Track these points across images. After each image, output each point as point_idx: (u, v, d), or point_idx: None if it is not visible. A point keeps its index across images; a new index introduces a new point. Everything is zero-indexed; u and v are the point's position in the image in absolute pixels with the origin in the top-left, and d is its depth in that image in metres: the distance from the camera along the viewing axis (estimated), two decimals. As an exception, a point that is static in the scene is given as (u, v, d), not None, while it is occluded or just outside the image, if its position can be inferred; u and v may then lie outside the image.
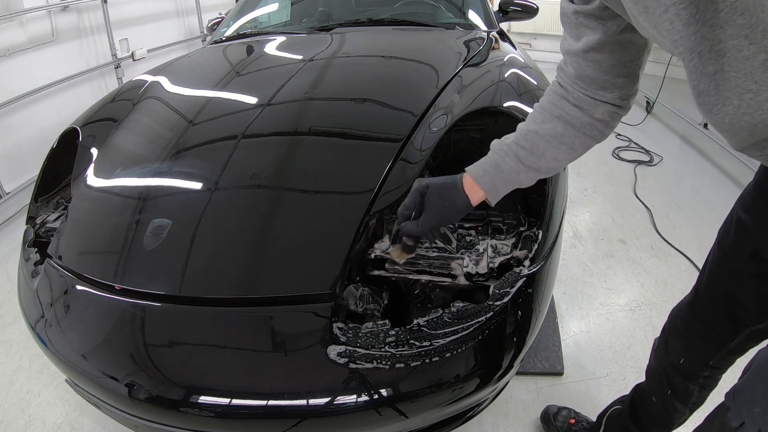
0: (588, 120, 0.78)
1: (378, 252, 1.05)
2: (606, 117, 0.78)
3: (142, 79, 1.73)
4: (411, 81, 1.48)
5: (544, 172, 0.84)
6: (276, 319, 0.92)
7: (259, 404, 0.84)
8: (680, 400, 0.99)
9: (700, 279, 0.90)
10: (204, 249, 1.02)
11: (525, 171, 0.83)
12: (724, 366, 0.93)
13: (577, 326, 1.72)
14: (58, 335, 1.00)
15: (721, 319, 0.85)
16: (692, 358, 0.93)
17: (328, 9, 2.35)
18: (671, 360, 0.98)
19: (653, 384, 1.06)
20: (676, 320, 0.97)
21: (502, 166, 0.83)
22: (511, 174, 0.83)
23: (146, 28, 4.05)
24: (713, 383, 0.97)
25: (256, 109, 1.35)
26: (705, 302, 0.89)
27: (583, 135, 0.80)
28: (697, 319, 0.91)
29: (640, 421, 1.10)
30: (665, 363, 1.00)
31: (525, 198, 1.18)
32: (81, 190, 1.28)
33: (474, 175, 0.85)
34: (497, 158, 0.84)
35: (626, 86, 0.76)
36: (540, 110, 0.83)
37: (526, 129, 0.83)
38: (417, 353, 0.87)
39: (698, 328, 0.91)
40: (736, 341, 0.84)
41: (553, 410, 1.34)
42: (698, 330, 0.91)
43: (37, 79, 2.91)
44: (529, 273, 1.00)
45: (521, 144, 0.82)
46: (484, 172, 0.84)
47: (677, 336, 0.97)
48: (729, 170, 2.82)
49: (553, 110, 0.81)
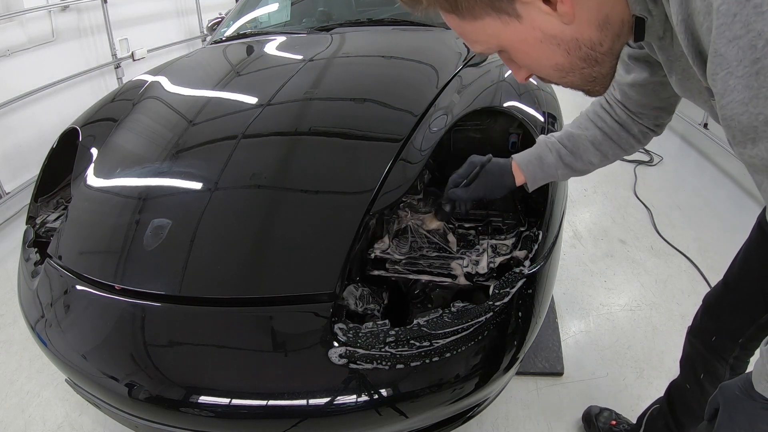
0: (624, 135, 0.89)
1: (378, 252, 1.05)
2: (640, 136, 0.89)
3: (142, 79, 1.73)
4: (411, 81, 1.48)
5: (578, 172, 0.95)
6: (276, 319, 0.92)
7: (259, 404, 0.85)
8: (712, 383, 1.02)
9: (736, 258, 0.95)
10: (204, 249, 1.02)
11: (563, 168, 0.94)
12: (752, 347, 0.97)
13: (577, 326, 1.72)
14: (58, 335, 1.00)
15: (753, 294, 0.90)
16: (723, 335, 0.98)
17: (328, 9, 2.35)
18: (703, 338, 1.02)
19: (687, 372, 1.09)
20: (709, 300, 1.03)
21: (545, 159, 0.94)
22: (550, 168, 0.94)
23: (146, 28, 4.05)
24: (743, 365, 1.00)
25: (256, 109, 1.35)
26: (739, 278, 0.94)
27: (617, 146, 0.91)
28: (730, 293, 0.96)
29: (677, 414, 1.12)
30: (697, 344, 1.04)
31: (525, 198, 1.18)
32: (81, 190, 1.28)
33: (520, 163, 0.96)
34: (542, 152, 0.95)
35: (662, 117, 0.86)
36: (585, 118, 0.94)
37: (570, 131, 0.94)
38: (417, 353, 0.87)
39: (730, 301, 0.96)
40: (767, 317, 0.89)
41: (594, 411, 1.35)
42: (730, 303, 0.96)
43: (37, 79, 2.91)
44: (529, 273, 1.00)
45: (564, 143, 0.93)
46: (528, 162, 0.95)
47: (709, 314, 1.02)
48: (729, 170, 2.82)
49: (597, 121, 0.91)
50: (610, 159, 0.93)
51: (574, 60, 0.56)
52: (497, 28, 0.54)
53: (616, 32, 0.55)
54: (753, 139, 0.45)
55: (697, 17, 0.44)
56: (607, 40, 0.55)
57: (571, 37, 0.54)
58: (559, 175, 0.95)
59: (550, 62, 0.57)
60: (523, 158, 0.96)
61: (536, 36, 0.54)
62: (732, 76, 0.42)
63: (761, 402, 0.60)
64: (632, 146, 0.91)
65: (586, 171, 0.95)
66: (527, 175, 0.96)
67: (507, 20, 0.53)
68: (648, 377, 1.52)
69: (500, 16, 0.52)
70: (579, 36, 0.54)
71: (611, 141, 0.90)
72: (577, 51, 0.55)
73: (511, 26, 0.53)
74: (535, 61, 0.58)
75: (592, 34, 0.54)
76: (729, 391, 0.65)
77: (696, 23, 0.44)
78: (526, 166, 0.95)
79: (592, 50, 0.55)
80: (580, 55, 0.55)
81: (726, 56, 0.41)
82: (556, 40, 0.54)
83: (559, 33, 0.53)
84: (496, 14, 0.52)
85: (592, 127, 0.91)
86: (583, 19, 0.52)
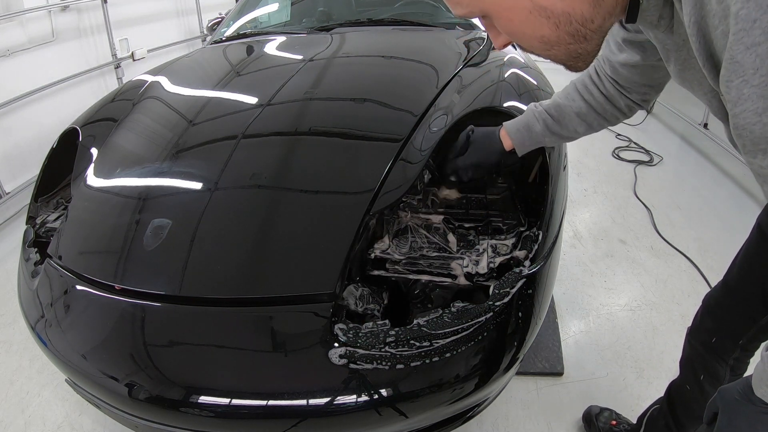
0: (610, 109, 0.92)
1: (378, 252, 1.05)
2: (626, 109, 0.91)
3: (142, 79, 1.73)
4: (411, 81, 1.48)
5: (565, 138, 1.01)
6: (276, 319, 0.92)
7: (259, 404, 0.84)
8: (712, 384, 1.02)
9: (736, 259, 0.95)
10: (204, 249, 1.02)
11: (550, 135, 0.99)
12: (752, 348, 0.97)
13: (577, 326, 1.72)
14: (58, 335, 1.00)
15: (753, 295, 0.90)
16: (723, 336, 0.98)
17: (328, 9, 2.35)
18: (703, 339, 1.02)
19: (687, 373, 1.09)
20: (709, 300, 1.03)
21: (533, 128, 1.00)
22: (538, 136, 1.00)
23: (146, 28, 4.05)
24: (743, 366, 0.99)
25: (256, 109, 1.35)
26: (739, 279, 0.94)
27: (602, 118, 0.94)
28: (730, 294, 0.96)
29: (677, 415, 1.12)
30: (697, 345, 1.04)
31: (525, 198, 1.18)
32: (81, 190, 1.28)
33: (509, 130, 1.03)
34: (530, 120, 1.00)
35: (650, 94, 0.88)
36: (573, 88, 0.96)
37: (558, 102, 0.98)
38: (417, 353, 0.87)
39: (730, 302, 0.96)
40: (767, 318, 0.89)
41: (594, 411, 1.34)
42: (730, 304, 0.96)
43: (37, 79, 2.91)
44: (529, 273, 1.00)
45: (551, 113, 0.98)
46: (517, 130, 1.02)
47: (709, 315, 1.02)
48: (729, 170, 2.82)
49: (584, 93, 0.93)
50: (595, 129, 0.97)
51: (561, 34, 0.54)
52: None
53: (608, 11, 0.53)
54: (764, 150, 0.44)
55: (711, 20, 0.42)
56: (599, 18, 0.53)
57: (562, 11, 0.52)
58: (546, 142, 1.02)
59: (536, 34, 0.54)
60: (512, 126, 1.03)
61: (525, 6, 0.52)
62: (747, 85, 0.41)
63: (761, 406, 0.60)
64: (617, 118, 0.94)
65: (574, 138, 1.00)
66: (516, 141, 1.02)
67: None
68: (648, 377, 1.52)
69: None
70: (571, 10, 0.52)
71: (596, 114, 0.93)
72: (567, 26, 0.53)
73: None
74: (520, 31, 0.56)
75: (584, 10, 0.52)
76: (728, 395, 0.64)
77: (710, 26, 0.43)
78: (515, 133, 1.02)
79: (582, 26, 0.53)
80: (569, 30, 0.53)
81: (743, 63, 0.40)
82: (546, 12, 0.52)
83: (551, 5, 0.51)
84: None
85: (579, 99, 0.94)
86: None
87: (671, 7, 0.53)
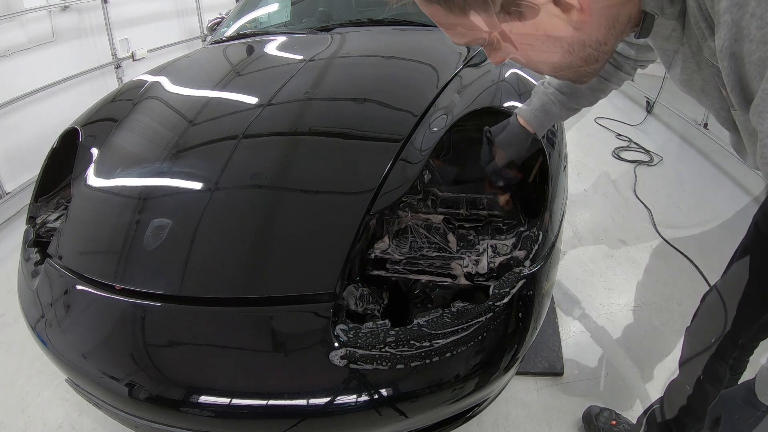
0: (617, 74, 0.98)
1: (378, 252, 1.05)
2: (630, 71, 0.98)
3: (142, 79, 1.73)
4: (411, 81, 1.48)
5: (579, 110, 1.06)
6: (276, 319, 0.92)
7: (259, 404, 0.85)
8: (712, 383, 1.01)
9: (733, 259, 0.94)
10: (204, 249, 1.02)
11: (567, 111, 1.04)
12: (751, 347, 0.97)
13: (577, 326, 1.72)
14: (58, 335, 1.00)
15: (753, 295, 0.89)
16: (723, 336, 0.97)
17: (328, 9, 2.35)
18: (702, 338, 1.01)
19: (686, 372, 1.08)
20: (708, 300, 1.02)
21: (550, 110, 1.04)
22: (555, 116, 1.05)
23: (146, 28, 4.05)
24: (742, 366, 0.99)
25: (256, 109, 1.35)
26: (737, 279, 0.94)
27: (611, 83, 1.00)
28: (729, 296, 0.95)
29: (677, 414, 1.11)
30: (697, 344, 1.03)
31: (525, 198, 1.18)
32: (81, 190, 1.28)
33: (526, 117, 1.06)
34: (545, 103, 1.03)
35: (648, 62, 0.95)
36: None
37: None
38: (417, 353, 0.87)
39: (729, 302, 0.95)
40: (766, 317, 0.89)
41: (594, 411, 1.34)
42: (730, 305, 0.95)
43: (37, 79, 2.91)
44: (529, 273, 1.00)
45: (563, 91, 1.01)
46: (535, 116, 1.05)
47: (708, 315, 1.02)
48: (729, 170, 2.82)
49: None
50: (606, 93, 1.03)
51: (574, 60, 0.54)
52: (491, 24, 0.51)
53: (621, 30, 0.53)
54: None
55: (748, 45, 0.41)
56: (612, 39, 0.53)
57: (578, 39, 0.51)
58: (563, 117, 1.08)
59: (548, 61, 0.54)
60: (528, 112, 1.06)
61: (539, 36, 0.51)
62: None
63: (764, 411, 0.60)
64: (623, 80, 1.01)
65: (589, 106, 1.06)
66: (535, 125, 1.06)
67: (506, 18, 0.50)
68: (648, 377, 1.52)
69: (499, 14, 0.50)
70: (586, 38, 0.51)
71: (606, 81, 0.99)
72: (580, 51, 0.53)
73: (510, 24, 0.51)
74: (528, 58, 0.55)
75: (599, 35, 0.52)
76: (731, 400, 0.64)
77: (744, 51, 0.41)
78: (534, 119, 1.06)
79: (596, 50, 0.53)
80: (582, 56, 0.53)
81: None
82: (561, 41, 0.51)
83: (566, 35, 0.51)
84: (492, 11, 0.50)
85: None
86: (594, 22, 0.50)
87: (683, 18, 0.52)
